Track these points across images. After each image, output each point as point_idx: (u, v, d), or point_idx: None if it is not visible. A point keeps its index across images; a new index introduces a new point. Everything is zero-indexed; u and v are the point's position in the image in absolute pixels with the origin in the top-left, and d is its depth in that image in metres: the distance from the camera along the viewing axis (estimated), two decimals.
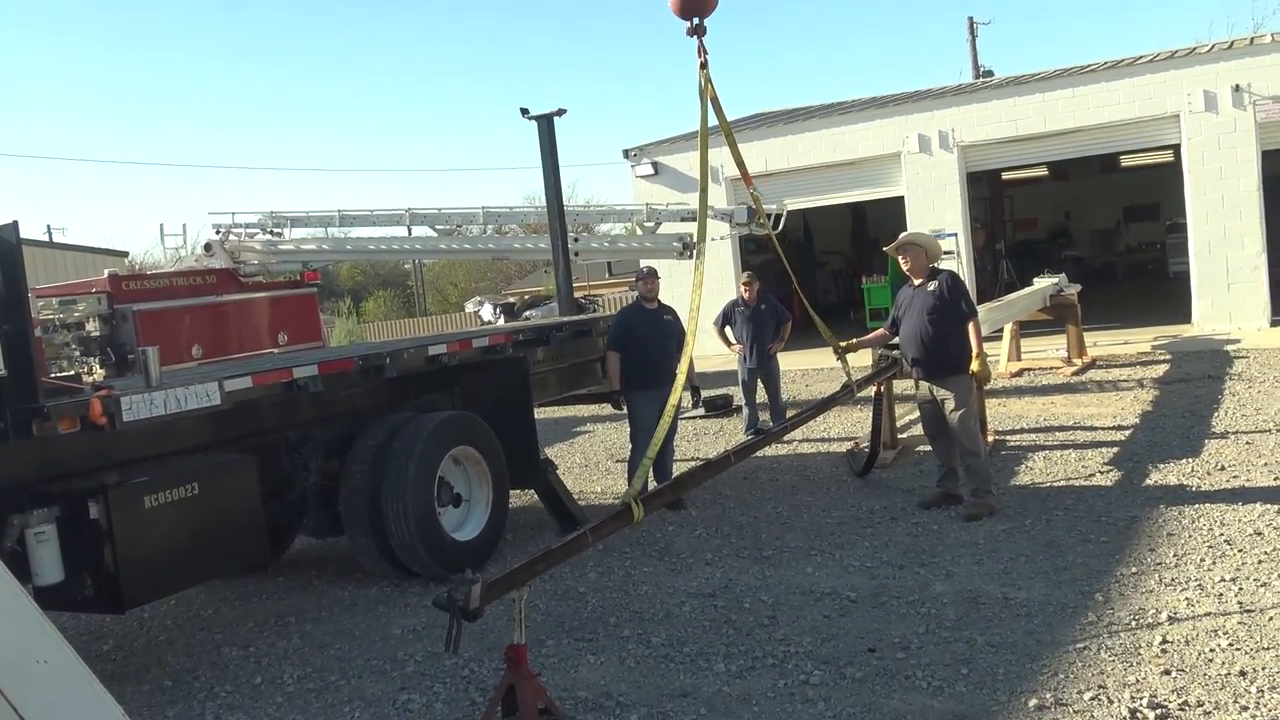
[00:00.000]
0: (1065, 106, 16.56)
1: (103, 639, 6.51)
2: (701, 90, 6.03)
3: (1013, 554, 6.25)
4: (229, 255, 15.84)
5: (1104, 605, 5.28)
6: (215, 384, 5.58)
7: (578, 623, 5.83)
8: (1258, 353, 13.09)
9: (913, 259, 7.58)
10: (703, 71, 5.99)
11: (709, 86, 6.03)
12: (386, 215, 16.40)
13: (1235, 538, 6.13)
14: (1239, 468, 7.75)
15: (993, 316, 11.42)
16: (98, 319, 13.19)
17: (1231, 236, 15.56)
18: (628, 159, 19.79)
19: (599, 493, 9.34)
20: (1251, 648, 4.59)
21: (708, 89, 6.03)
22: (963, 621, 5.25)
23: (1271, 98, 15.13)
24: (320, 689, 5.26)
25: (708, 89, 6.03)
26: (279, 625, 6.39)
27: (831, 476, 8.90)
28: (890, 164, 17.93)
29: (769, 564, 6.57)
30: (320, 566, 7.67)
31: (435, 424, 6.94)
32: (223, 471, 5.80)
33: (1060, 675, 4.51)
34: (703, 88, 6.02)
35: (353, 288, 49.20)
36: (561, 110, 11.94)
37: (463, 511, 7.18)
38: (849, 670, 4.78)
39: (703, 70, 5.98)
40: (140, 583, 5.22)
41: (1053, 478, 8.08)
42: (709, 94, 6.04)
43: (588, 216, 17.19)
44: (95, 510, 5.04)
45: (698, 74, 6.01)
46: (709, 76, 6.01)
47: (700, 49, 5.93)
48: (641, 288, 8.67)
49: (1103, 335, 15.33)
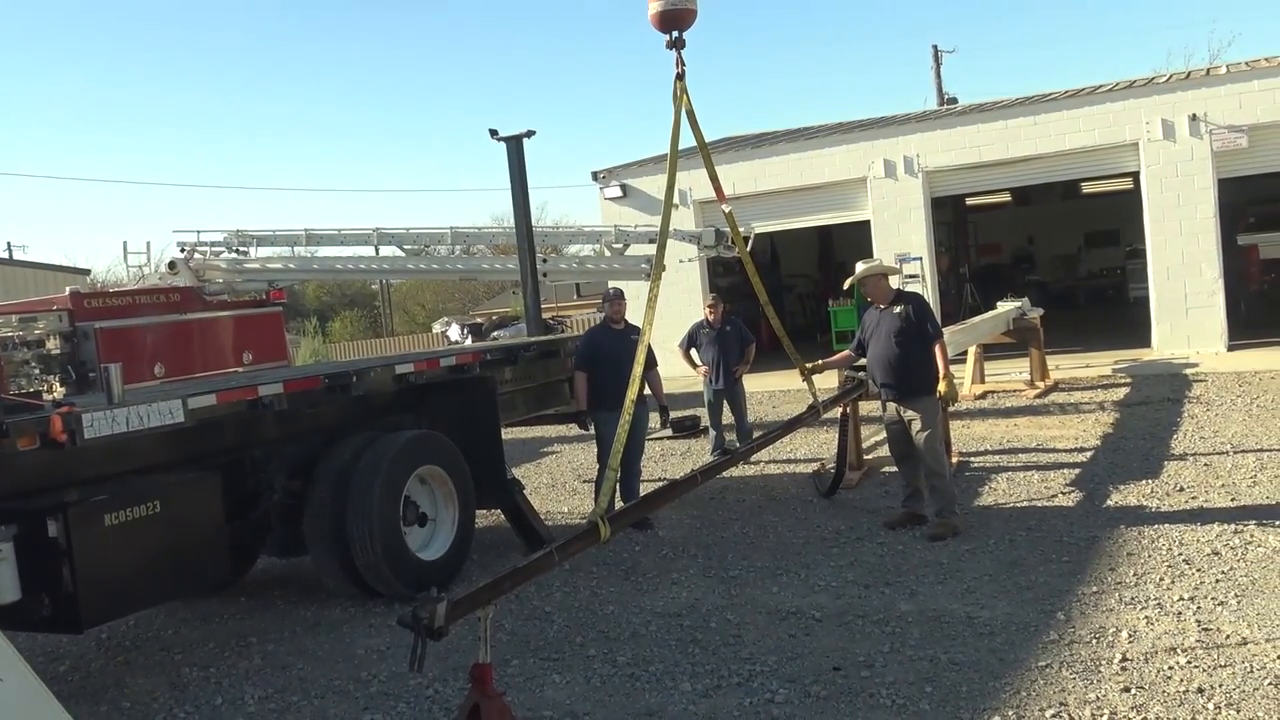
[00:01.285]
0: (1027, 134, 16.82)
1: (59, 659, 6.40)
2: (676, 98, 6.26)
3: (976, 573, 6.31)
4: (194, 273, 15.72)
5: (1065, 624, 5.33)
6: (179, 401, 5.52)
7: (543, 642, 5.80)
8: (1215, 376, 13.32)
9: (873, 287, 7.69)
10: (679, 83, 6.24)
11: (684, 97, 6.26)
12: (354, 235, 16.37)
13: (1194, 557, 6.22)
14: (1197, 489, 7.87)
15: (957, 339, 11.55)
16: (58, 336, 13.00)
17: (1190, 262, 15.84)
18: (596, 181, 19.85)
19: (566, 513, 9.32)
20: (1209, 665, 4.66)
21: (683, 99, 6.26)
22: (927, 640, 5.29)
23: (1227, 127, 15.45)
24: (282, 710, 5.20)
25: (683, 99, 6.26)
26: (240, 645, 6.31)
27: (797, 497, 8.94)
28: (856, 188, 18.12)
29: (735, 583, 6.59)
30: (283, 586, 7.59)
31: (401, 443, 6.91)
32: (185, 490, 5.74)
33: (1022, 693, 4.55)
34: (678, 97, 6.25)
35: (319, 307, 48.95)
36: (530, 132, 12.01)
37: (428, 531, 7.14)
38: (814, 689, 4.79)
39: (679, 81, 6.23)
40: (99, 602, 5.14)
41: (1016, 498, 8.17)
42: (684, 104, 6.27)
43: (556, 238, 17.24)
44: (54, 528, 4.97)
45: (674, 85, 6.26)
46: (685, 88, 6.25)
47: (678, 60, 6.18)
48: (609, 309, 8.70)
49: (1065, 359, 15.53)
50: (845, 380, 8.78)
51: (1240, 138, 15.37)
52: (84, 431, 4.96)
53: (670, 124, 6.24)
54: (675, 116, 6.22)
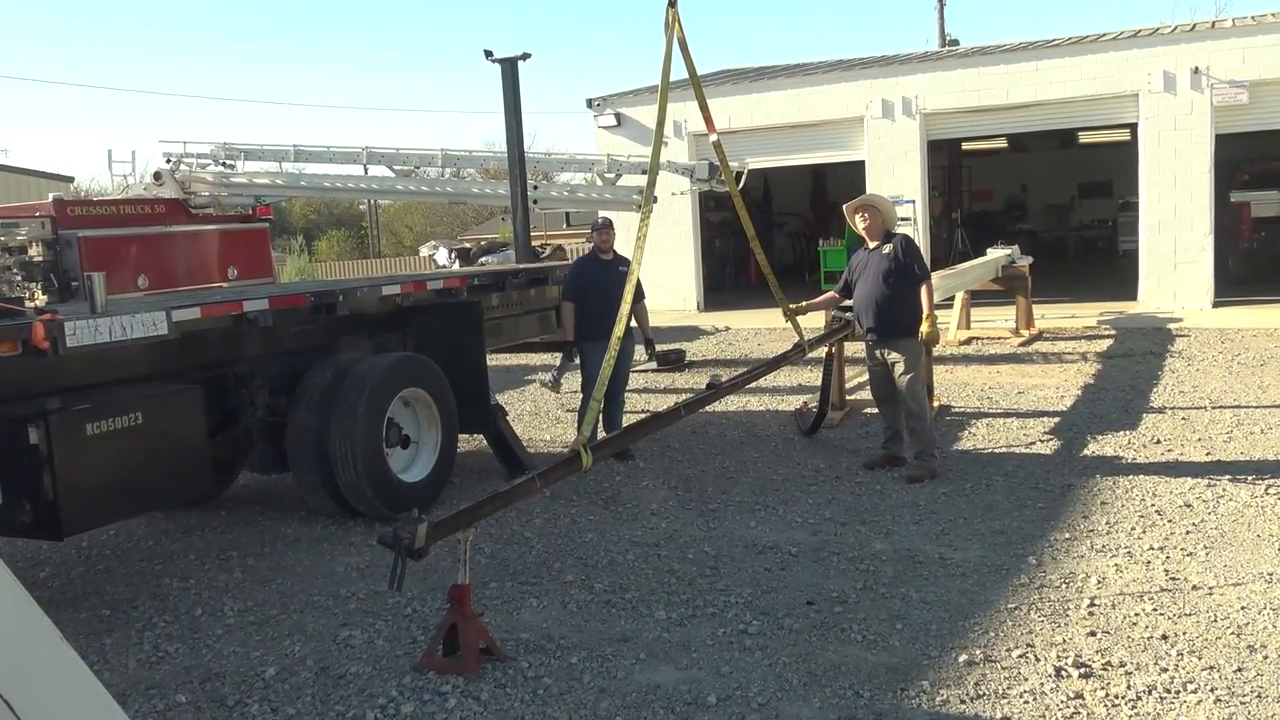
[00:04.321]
0: (1028, 80, 16.66)
1: (39, 565, 6.44)
2: (668, 25, 6.24)
3: (951, 516, 6.39)
4: (179, 186, 15.51)
5: (1036, 568, 5.42)
6: (163, 313, 5.48)
7: (522, 567, 5.87)
8: (1199, 332, 13.40)
9: (870, 219, 7.63)
10: (671, 9, 6.21)
11: (676, 25, 6.25)
12: (343, 153, 16.14)
13: (1165, 509, 6.31)
14: (1173, 442, 7.96)
15: (945, 284, 11.55)
16: (41, 244, 12.90)
17: (1181, 217, 15.82)
18: (591, 108, 19.60)
19: (549, 440, 9.36)
20: (1174, 614, 4.75)
21: (674, 26, 6.23)
22: (899, 579, 5.37)
23: (1229, 82, 15.34)
24: (261, 622, 5.26)
25: (674, 26, 6.23)
26: (221, 559, 6.36)
27: (779, 434, 9.00)
28: (853, 128, 17.95)
29: (713, 517, 6.66)
30: (264, 502, 7.63)
31: (387, 365, 6.90)
32: (167, 402, 5.72)
33: (990, 633, 4.64)
34: (669, 24, 6.23)
35: (305, 226, 48.45)
36: (526, 54, 11.83)
37: (410, 453, 7.16)
38: (787, 621, 4.87)
39: (671, 8, 6.21)
40: (79, 510, 5.15)
41: (994, 444, 8.24)
42: (676, 32, 6.25)
43: (548, 165, 17.07)
44: (35, 435, 4.95)
45: (666, 11, 6.23)
46: (677, 15, 6.24)
47: None
48: (597, 239, 8.63)
49: (1051, 308, 15.57)
50: (832, 320, 8.79)
51: (1241, 93, 15.26)
52: (66, 340, 4.93)
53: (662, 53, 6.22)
54: (666, 45, 6.22)
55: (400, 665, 4.60)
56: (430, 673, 4.46)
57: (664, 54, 6.16)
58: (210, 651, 4.93)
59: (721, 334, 15.96)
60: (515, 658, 4.60)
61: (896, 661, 4.41)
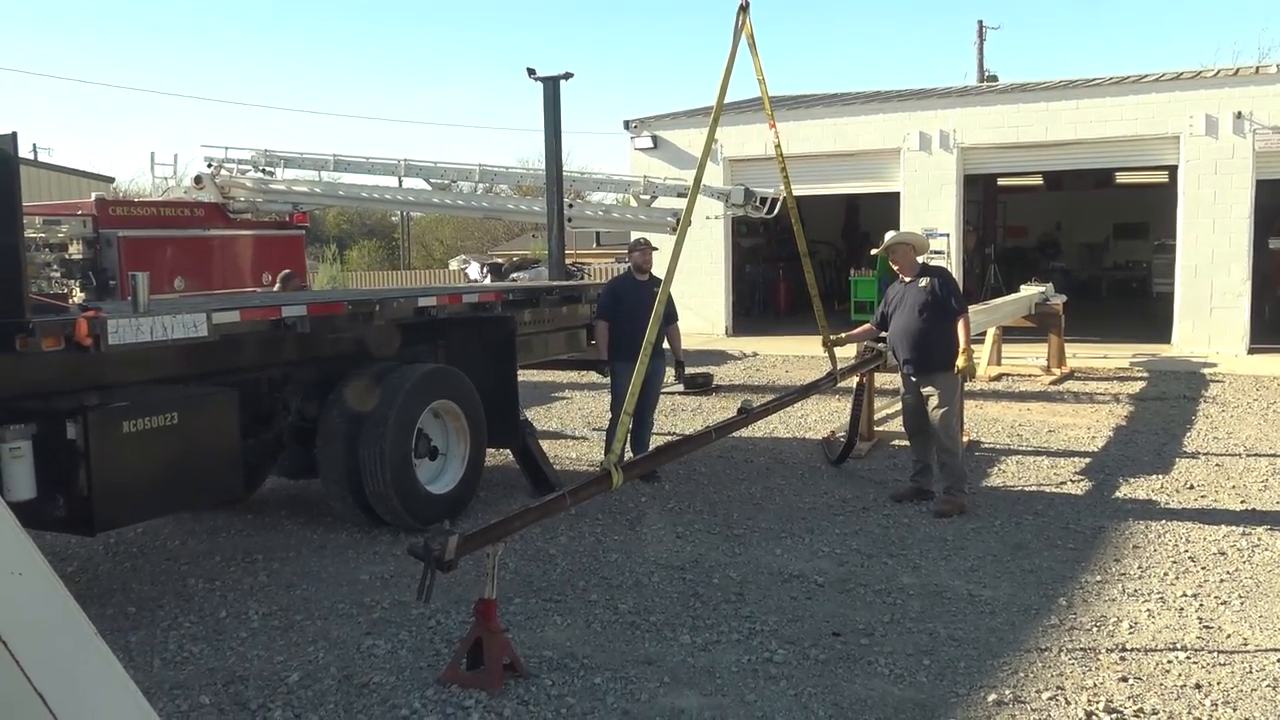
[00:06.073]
0: (1067, 118, 16.59)
1: (68, 560, 6.48)
2: (737, 30, 6.36)
3: (980, 552, 6.32)
4: (219, 190, 15.70)
5: (1067, 609, 5.35)
6: (203, 315, 5.54)
7: (546, 584, 5.85)
8: (1233, 378, 13.24)
9: (901, 257, 7.63)
10: (743, 13, 6.35)
11: (746, 24, 6.39)
12: (381, 164, 16.30)
13: (1199, 555, 6.21)
14: (1207, 488, 7.85)
15: (977, 319, 11.46)
16: (81, 242, 13.06)
17: (1219, 261, 15.68)
18: (628, 130, 19.68)
19: (574, 459, 9.35)
20: (1208, 663, 4.67)
21: (744, 26, 6.38)
22: (927, 614, 5.31)
23: (1272, 127, 15.22)
24: (285, 627, 5.27)
25: (744, 26, 6.38)
26: (247, 561, 6.38)
27: (806, 462, 8.95)
28: (889, 159, 17.93)
29: (739, 542, 6.62)
30: (291, 507, 7.65)
31: (418, 376, 6.92)
32: (203, 403, 5.76)
33: (1020, 673, 4.58)
34: (738, 27, 6.36)
35: (338, 235, 48.82)
36: (569, 74, 11.89)
37: (438, 464, 7.17)
38: (813, 652, 4.83)
39: (743, 11, 6.36)
40: (113, 506, 5.19)
41: (1024, 482, 8.16)
42: (746, 31, 6.40)
43: (584, 183, 17.14)
44: (73, 430, 5.00)
45: (737, 15, 6.36)
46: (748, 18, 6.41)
47: None
48: (636, 259, 8.66)
49: (1083, 347, 15.44)
50: (864, 350, 8.75)
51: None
52: (108, 337, 4.99)
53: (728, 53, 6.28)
54: (732, 46, 6.30)
55: (423, 677, 4.59)
56: (453, 686, 4.45)
57: (729, 54, 6.26)
58: (234, 654, 4.94)
59: (749, 359, 15.92)
60: (539, 675, 4.57)
61: (924, 698, 4.35)
